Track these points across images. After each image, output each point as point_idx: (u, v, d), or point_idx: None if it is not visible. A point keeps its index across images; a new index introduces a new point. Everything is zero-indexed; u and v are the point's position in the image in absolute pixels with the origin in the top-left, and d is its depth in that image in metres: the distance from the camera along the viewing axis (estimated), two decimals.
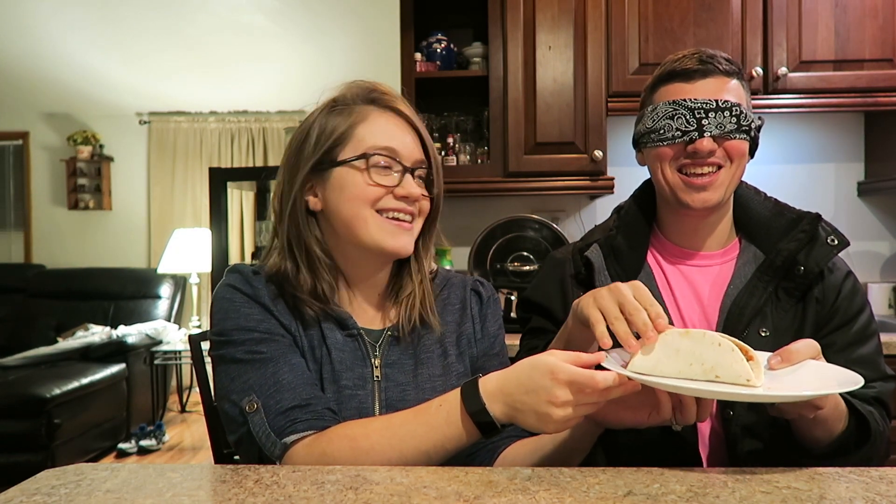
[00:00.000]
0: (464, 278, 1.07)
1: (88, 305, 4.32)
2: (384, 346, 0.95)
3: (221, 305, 0.91)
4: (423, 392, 0.93)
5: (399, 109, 0.94)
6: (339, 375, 0.90)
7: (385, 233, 0.90)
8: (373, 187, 0.89)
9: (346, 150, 0.91)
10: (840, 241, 1.01)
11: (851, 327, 1.01)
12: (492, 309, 1.05)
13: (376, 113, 0.93)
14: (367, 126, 0.92)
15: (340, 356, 0.92)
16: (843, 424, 0.89)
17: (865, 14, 2.10)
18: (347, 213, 0.90)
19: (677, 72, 1.04)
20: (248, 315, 0.89)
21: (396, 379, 0.93)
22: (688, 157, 1.02)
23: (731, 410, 0.98)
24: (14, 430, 3.11)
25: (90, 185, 5.07)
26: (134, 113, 5.11)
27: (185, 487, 0.71)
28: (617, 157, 2.29)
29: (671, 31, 2.12)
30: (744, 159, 1.04)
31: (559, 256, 1.17)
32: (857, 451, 0.91)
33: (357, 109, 0.93)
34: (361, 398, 0.90)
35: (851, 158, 2.46)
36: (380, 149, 0.90)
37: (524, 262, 2.28)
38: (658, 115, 1.04)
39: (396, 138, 0.92)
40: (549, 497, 0.66)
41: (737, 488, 0.68)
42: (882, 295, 2.35)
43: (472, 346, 1.01)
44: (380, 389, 0.92)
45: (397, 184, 0.90)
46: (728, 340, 0.74)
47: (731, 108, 1.00)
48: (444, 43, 2.31)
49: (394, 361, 0.95)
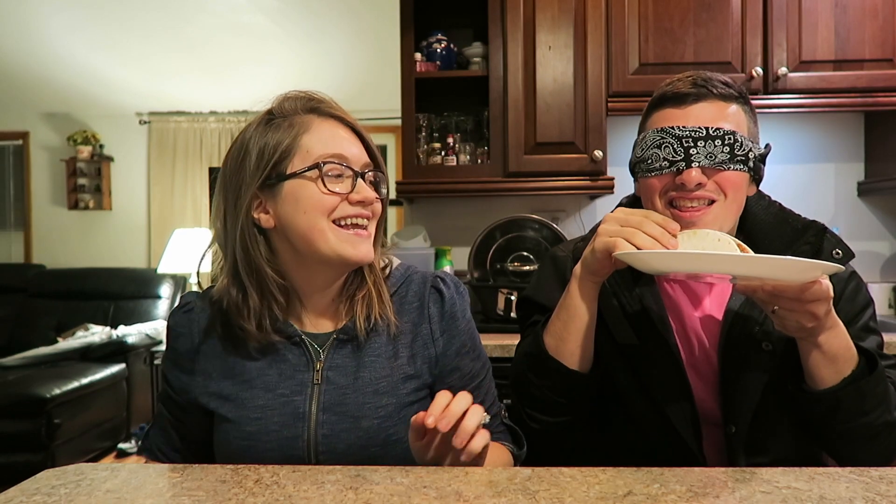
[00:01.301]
0: (425, 274, 1.03)
1: (88, 305, 4.32)
2: (329, 350, 0.95)
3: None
4: (364, 395, 0.92)
5: (340, 116, 0.94)
6: (275, 385, 0.93)
7: (345, 243, 0.89)
8: (328, 196, 0.88)
9: (295, 162, 0.89)
10: (845, 253, 0.98)
11: (854, 324, 1.00)
12: (458, 306, 1.00)
13: (318, 121, 0.92)
14: (312, 135, 0.90)
15: (281, 367, 0.94)
16: (853, 367, 0.88)
17: (865, 14, 2.10)
18: (304, 226, 0.89)
19: (668, 96, 0.98)
20: (168, 371, 1.00)
21: (337, 382, 0.93)
22: (676, 189, 0.96)
23: (734, 425, 0.98)
24: (14, 430, 3.11)
25: (90, 185, 5.07)
26: (134, 113, 5.12)
27: (185, 487, 0.71)
28: (617, 157, 2.29)
29: (671, 31, 2.12)
30: (740, 192, 0.97)
31: (561, 255, 1.14)
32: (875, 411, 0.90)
33: (298, 120, 0.92)
34: (297, 403, 0.92)
35: (851, 158, 2.46)
36: (330, 156, 0.89)
37: (524, 262, 2.28)
38: (647, 144, 0.99)
39: (343, 145, 0.91)
40: (549, 497, 0.66)
41: (737, 488, 0.68)
42: (882, 295, 2.35)
43: (430, 348, 0.97)
44: (319, 393, 0.92)
45: (351, 190, 0.90)
46: (728, 238, 0.84)
47: (724, 137, 0.94)
48: (444, 43, 2.31)
49: (337, 365, 0.94)
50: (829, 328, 0.85)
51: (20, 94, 4.93)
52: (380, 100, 4.46)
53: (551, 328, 0.98)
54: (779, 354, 0.97)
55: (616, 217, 0.90)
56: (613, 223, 0.89)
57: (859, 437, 0.92)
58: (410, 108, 2.22)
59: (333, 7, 4.11)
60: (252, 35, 4.32)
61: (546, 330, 0.99)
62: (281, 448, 0.89)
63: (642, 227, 0.86)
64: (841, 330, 0.87)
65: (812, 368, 0.89)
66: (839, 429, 0.91)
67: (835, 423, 0.91)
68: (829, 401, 0.89)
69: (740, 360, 0.98)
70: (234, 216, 0.91)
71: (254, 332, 0.92)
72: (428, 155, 2.32)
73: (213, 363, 0.96)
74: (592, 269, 0.92)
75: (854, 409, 0.89)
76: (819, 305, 0.81)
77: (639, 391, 1.02)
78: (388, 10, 3.16)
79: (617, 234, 0.87)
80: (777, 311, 0.84)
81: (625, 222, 0.88)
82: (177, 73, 4.71)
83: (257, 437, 0.90)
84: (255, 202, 0.91)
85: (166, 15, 4.21)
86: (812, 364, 0.88)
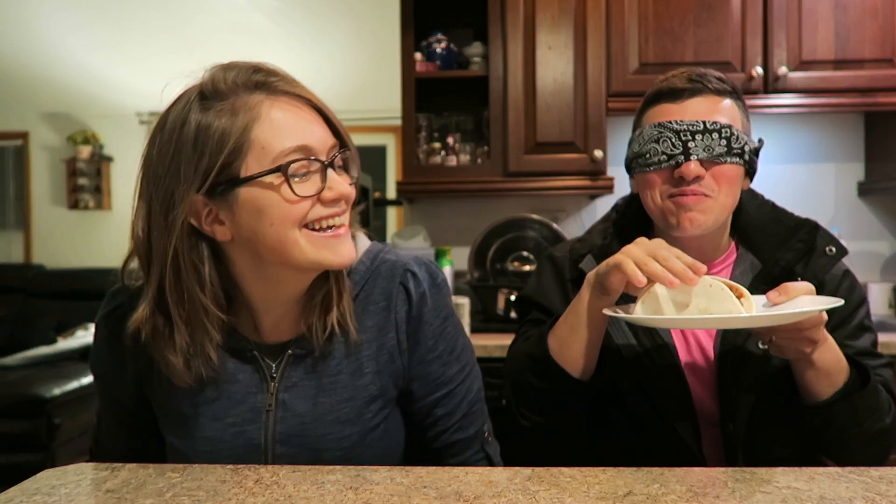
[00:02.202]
0: (395, 264, 0.86)
1: (88, 305, 4.31)
2: (284, 367, 0.82)
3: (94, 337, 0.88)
4: (324, 425, 0.81)
5: (293, 91, 0.76)
6: (224, 412, 0.81)
7: (324, 249, 0.75)
8: (298, 204, 0.72)
9: (250, 163, 0.71)
10: (838, 249, 1.00)
11: (849, 323, 1.01)
12: (428, 306, 0.85)
13: (269, 103, 0.73)
14: (264, 125, 0.72)
15: (231, 389, 0.81)
16: (844, 378, 0.89)
17: (865, 14, 2.09)
18: (273, 239, 0.73)
19: (664, 92, 0.99)
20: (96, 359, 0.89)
21: (294, 408, 0.81)
22: (674, 183, 0.96)
23: (732, 424, 0.98)
24: (14, 430, 3.11)
25: (90, 185, 5.07)
26: (134, 113, 5.11)
27: (185, 487, 0.71)
28: (617, 157, 2.28)
29: (671, 31, 2.12)
30: (735, 186, 0.98)
31: (558, 255, 1.13)
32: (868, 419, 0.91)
33: (243, 103, 0.72)
34: (250, 433, 0.80)
35: (851, 158, 2.46)
36: (293, 151, 0.72)
37: (524, 262, 2.28)
38: (644, 139, 0.99)
39: (304, 130, 0.74)
40: (549, 497, 0.66)
41: (737, 488, 0.68)
42: (882, 295, 2.34)
43: (396, 361, 0.85)
44: (274, 421, 0.81)
45: (322, 186, 0.74)
46: (718, 281, 0.78)
47: (721, 130, 0.94)
48: (444, 43, 2.31)
49: (294, 384, 0.82)
50: (821, 344, 0.86)
51: (20, 94, 4.93)
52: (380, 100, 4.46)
53: (557, 331, 0.96)
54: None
55: (645, 242, 0.85)
56: (641, 249, 0.83)
57: (853, 444, 0.93)
58: (410, 108, 2.22)
59: (333, 7, 4.11)
60: (252, 35, 4.32)
61: (552, 333, 0.98)
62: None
63: (667, 262, 0.79)
64: (831, 343, 0.88)
65: (807, 384, 0.90)
66: (833, 437, 0.93)
67: (829, 432, 0.92)
68: (824, 414, 0.90)
69: (737, 359, 0.99)
70: (164, 229, 0.73)
71: (180, 368, 0.76)
72: (428, 155, 2.33)
73: (155, 378, 0.82)
74: (601, 280, 0.88)
75: (848, 420, 0.90)
76: (816, 331, 0.82)
77: (637, 391, 1.02)
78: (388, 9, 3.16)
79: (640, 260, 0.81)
80: (775, 340, 0.84)
81: (651, 251, 0.81)
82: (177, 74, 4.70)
83: (211, 460, 0.80)
84: (204, 211, 0.74)
85: (166, 15, 4.21)
86: (807, 381, 0.89)
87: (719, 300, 0.77)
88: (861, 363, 0.92)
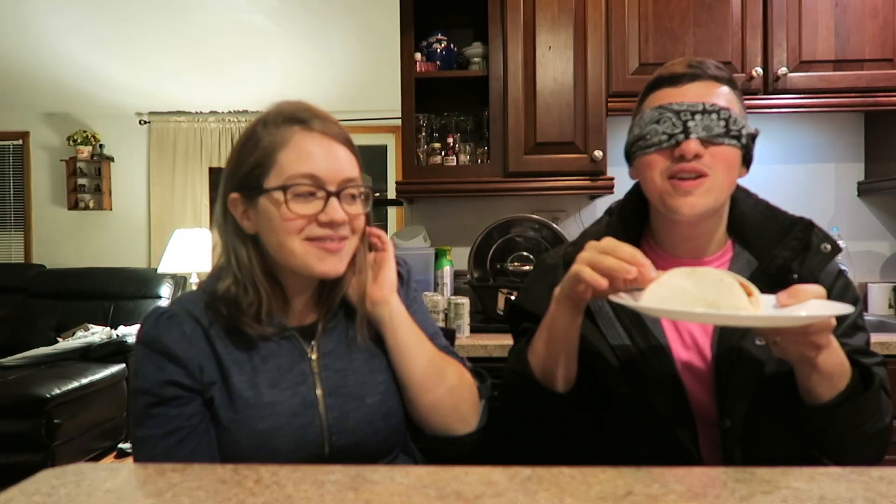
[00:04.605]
0: None
1: (88, 305, 4.31)
2: (319, 338, 0.99)
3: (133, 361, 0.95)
4: (362, 375, 0.98)
5: (325, 130, 0.92)
6: (279, 379, 0.94)
7: (312, 258, 0.91)
8: (293, 220, 0.89)
9: (271, 178, 0.90)
10: (833, 247, 1.01)
11: (843, 322, 1.00)
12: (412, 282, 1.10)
13: (300, 136, 0.91)
14: (288, 152, 0.90)
15: (277, 362, 0.95)
16: (847, 381, 0.89)
17: (865, 14, 2.10)
18: (274, 243, 0.92)
19: (664, 77, 1.02)
20: (144, 375, 0.90)
21: (334, 366, 0.98)
22: (675, 162, 0.97)
23: (729, 423, 0.98)
24: (14, 430, 3.11)
25: (90, 185, 5.07)
26: (134, 113, 5.12)
27: (185, 487, 0.71)
28: (617, 157, 2.27)
29: (671, 31, 2.12)
30: (732, 169, 0.99)
31: (550, 262, 1.14)
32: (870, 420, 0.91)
33: (280, 132, 0.91)
34: (304, 391, 0.95)
35: (851, 158, 2.46)
36: (300, 177, 0.89)
37: (524, 262, 2.28)
38: (644, 122, 1.01)
39: (319, 162, 0.90)
40: (549, 497, 0.66)
41: (737, 488, 0.68)
42: (882, 295, 2.34)
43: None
44: (321, 380, 0.96)
45: (321, 210, 0.90)
46: (730, 277, 0.77)
47: (720, 112, 0.96)
48: (444, 43, 2.31)
49: (330, 350, 0.99)
50: (826, 348, 0.85)
51: (20, 94, 4.93)
52: (380, 100, 4.47)
53: (534, 347, 0.99)
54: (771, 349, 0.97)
55: (594, 244, 0.87)
56: (591, 252, 0.86)
57: (853, 444, 0.93)
58: (410, 108, 2.22)
59: (334, 7, 4.11)
60: (252, 35, 4.32)
61: (530, 349, 1.00)
62: (295, 438, 0.91)
63: (614, 252, 0.83)
64: (836, 347, 0.87)
65: (810, 387, 0.89)
66: (835, 437, 0.93)
67: (831, 432, 0.92)
68: (828, 415, 0.90)
69: (734, 356, 0.99)
70: (221, 214, 0.97)
71: (252, 323, 0.93)
72: (428, 155, 2.33)
73: (210, 366, 0.93)
74: (567, 294, 0.90)
75: (850, 421, 0.90)
76: (823, 336, 0.81)
77: (633, 391, 1.02)
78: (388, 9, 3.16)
79: (593, 261, 0.84)
80: (779, 341, 0.84)
81: (600, 248, 0.85)
82: (177, 73, 4.71)
83: (270, 434, 0.90)
84: (242, 207, 0.94)
85: (166, 14, 4.21)
86: (810, 384, 0.89)
87: (729, 296, 0.76)
88: (864, 364, 0.92)
